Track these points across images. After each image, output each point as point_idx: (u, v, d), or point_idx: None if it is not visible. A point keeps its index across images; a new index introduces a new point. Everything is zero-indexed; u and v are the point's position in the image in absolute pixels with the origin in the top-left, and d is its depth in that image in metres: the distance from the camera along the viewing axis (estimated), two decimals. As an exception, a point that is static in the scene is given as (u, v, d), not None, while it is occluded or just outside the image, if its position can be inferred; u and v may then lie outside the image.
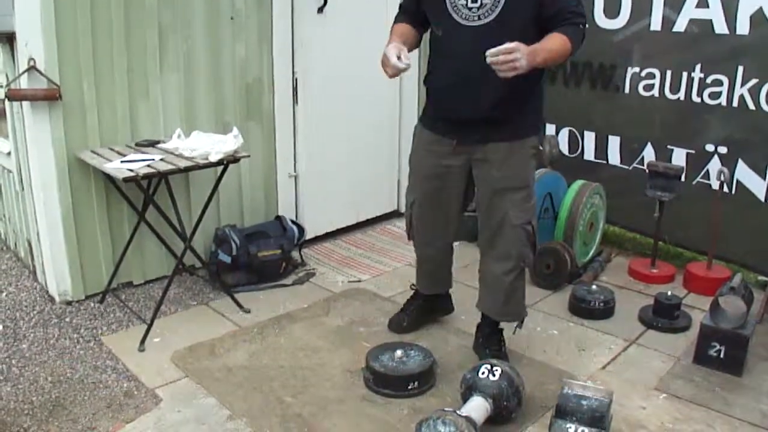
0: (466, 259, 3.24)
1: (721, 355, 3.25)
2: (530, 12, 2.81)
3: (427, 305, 3.66)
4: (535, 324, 3.76)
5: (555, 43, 2.76)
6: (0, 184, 4.76)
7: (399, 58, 2.83)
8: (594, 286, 3.93)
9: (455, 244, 3.39)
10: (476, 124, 2.98)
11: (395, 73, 2.88)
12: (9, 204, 4.64)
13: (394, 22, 3.19)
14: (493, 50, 2.57)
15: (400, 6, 3.25)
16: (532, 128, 3.12)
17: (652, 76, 4.47)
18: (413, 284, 3.70)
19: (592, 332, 3.68)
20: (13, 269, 4.51)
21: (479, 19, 2.83)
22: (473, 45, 2.78)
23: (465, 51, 2.87)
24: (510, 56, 2.56)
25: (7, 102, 3.93)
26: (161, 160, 3.52)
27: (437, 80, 3.06)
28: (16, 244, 4.70)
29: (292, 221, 4.53)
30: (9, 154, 4.27)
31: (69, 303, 3.94)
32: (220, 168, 3.69)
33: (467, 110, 2.97)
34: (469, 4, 2.83)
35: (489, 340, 3.33)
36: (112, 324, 3.74)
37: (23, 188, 4.09)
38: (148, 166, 3.39)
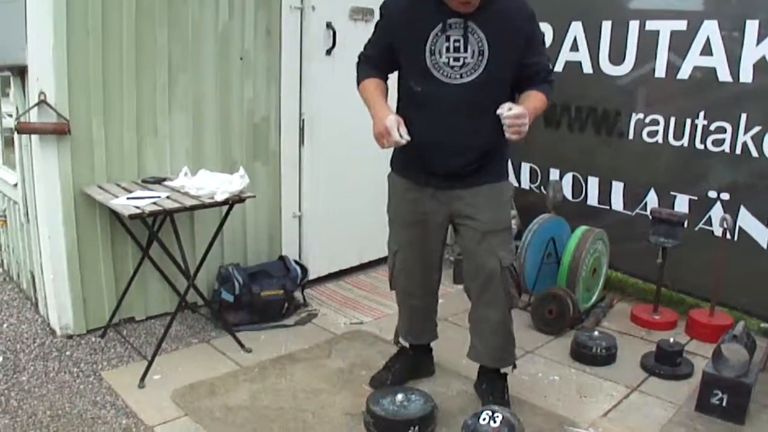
0: (467, 303, 3.22)
1: (724, 403, 3.22)
2: (510, 71, 2.87)
3: (412, 363, 3.55)
4: (537, 370, 3.74)
5: (539, 104, 2.90)
6: (5, 215, 4.77)
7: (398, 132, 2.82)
8: (596, 332, 3.92)
9: (458, 287, 3.36)
10: (456, 172, 2.98)
11: (392, 146, 2.86)
12: (14, 235, 4.65)
13: (364, 75, 3.08)
14: (508, 114, 2.67)
15: (366, 56, 3.13)
16: (506, 173, 3.19)
17: (656, 122, 4.50)
18: (397, 340, 3.63)
19: (593, 379, 3.65)
20: (15, 300, 4.51)
21: (461, 77, 2.83)
22: (455, 102, 2.84)
23: (447, 107, 2.87)
24: (518, 121, 2.67)
25: (16, 134, 3.97)
26: (167, 197, 3.54)
27: (418, 134, 2.86)
28: (19, 275, 4.71)
29: (296, 261, 4.54)
30: (16, 185, 4.30)
31: (70, 336, 3.93)
32: (226, 207, 3.70)
33: (453, 163, 2.95)
34: (451, 63, 2.82)
35: (493, 387, 3.29)
36: (113, 359, 3.73)
37: (28, 220, 4.10)
38: (154, 203, 3.42)
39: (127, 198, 3.49)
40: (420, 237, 3.15)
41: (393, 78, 3.08)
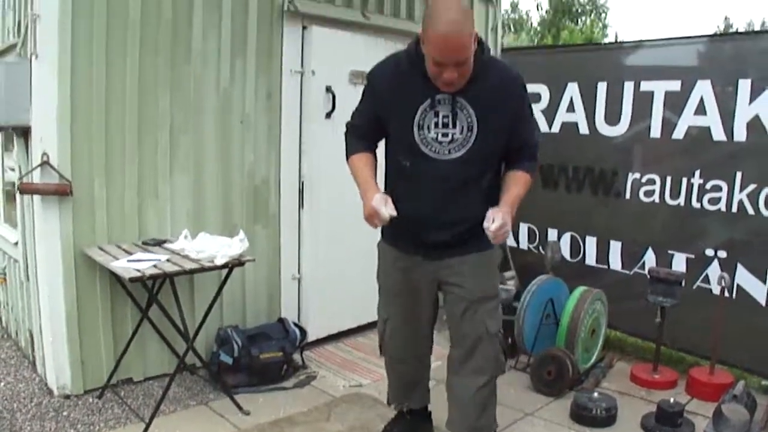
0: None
1: (724, 467, 3.21)
2: (498, 146, 2.89)
3: (410, 428, 3.50)
4: (536, 432, 3.73)
5: (522, 190, 2.93)
6: (5, 273, 4.78)
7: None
8: (596, 393, 3.90)
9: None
10: (445, 242, 2.98)
11: (382, 224, 2.83)
12: (13, 293, 4.66)
13: (352, 149, 3.06)
14: (493, 229, 2.69)
15: (354, 126, 3.11)
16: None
17: (652, 182, 4.55)
18: (391, 403, 3.58)
19: (594, 441, 3.64)
20: (13, 359, 4.49)
21: (449, 153, 2.83)
22: (444, 177, 2.85)
23: (435, 182, 2.88)
24: (501, 231, 2.71)
25: (18, 194, 4.00)
26: (167, 260, 3.56)
27: (406, 208, 2.84)
28: (17, 334, 4.70)
29: (295, 323, 4.53)
30: (16, 243, 4.32)
31: (67, 397, 3.91)
32: (225, 270, 3.72)
33: (442, 235, 2.94)
34: (440, 138, 2.81)
35: None
36: (110, 420, 3.70)
37: (28, 279, 4.11)
38: (155, 266, 3.44)
39: (128, 260, 3.51)
40: (410, 306, 3.15)
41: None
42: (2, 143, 4.87)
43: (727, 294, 4.11)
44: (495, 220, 2.70)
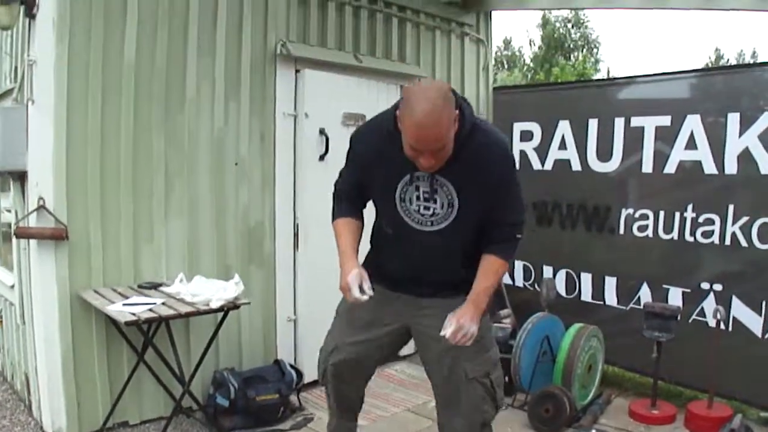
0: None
1: (724, 503, 3.20)
2: (477, 221, 2.78)
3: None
4: (534, 472, 3.71)
5: (492, 280, 2.79)
6: (1, 316, 4.78)
7: (361, 288, 2.70)
8: (594, 430, 3.89)
9: None
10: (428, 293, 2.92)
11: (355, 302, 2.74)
12: (9, 336, 4.65)
13: (338, 214, 2.98)
14: (449, 337, 2.61)
15: (340, 190, 3.02)
16: None
17: (645, 217, 4.59)
18: None
19: (592, 480, 3.62)
20: (9, 402, 4.47)
21: (432, 225, 2.75)
22: (427, 245, 2.79)
23: (419, 250, 2.82)
24: (460, 334, 2.63)
25: (14, 238, 4.01)
26: (163, 303, 3.57)
27: (389, 269, 2.90)
28: (13, 377, 4.69)
29: (291, 365, 4.52)
30: (12, 287, 4.32)
31: (63, 441, 3.90)
32: (221, 313, 3.73)
33: (424, 292, 2.89)
34: (422, 211, 2.74)
35: None
36: (106, 467, 3.70)
37: (24, 322, 4.11)
38: (150, 310, 3.44)
39: (123, 304, 3.52)
40: (368, 341, 2.97)
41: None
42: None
43: (723, 327, 4.12)
44: (450, 325, 2.63)
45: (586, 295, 4.97)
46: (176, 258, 4.18)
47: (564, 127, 5.03)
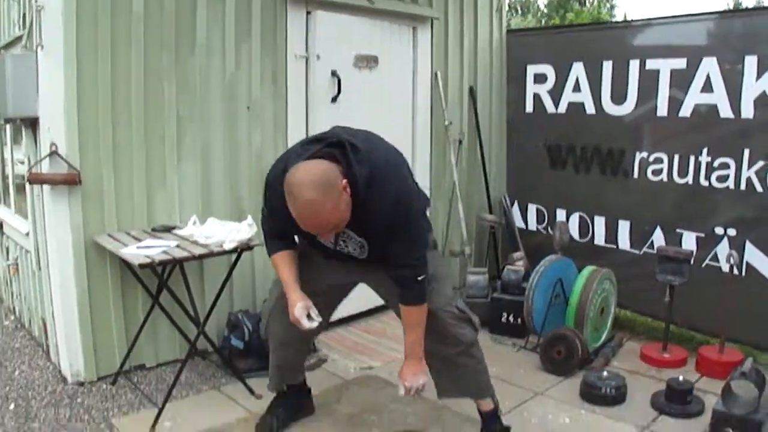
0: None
1: (735, 441, 3.20)
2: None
3: (293, 404, 3.56)
4: (546, 411, 3.73)
5: (415, 329, 2.95)
6: (17, 263, 4.82)
7: (309, 316, 2.87)
8: (605, 372, 3.90)
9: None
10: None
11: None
12: (26, 283, 4.70)
13: (273, 250, 3.01)
14: (403, 395, 3.00)
15: (268, 231, 3.03)
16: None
17: (660, 160, 4.55)
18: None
19: (604, 419, 3.63)
20: (27, 348, 4.53)
21: (355, 256, 2.91)
22: (353, 258, 2.93)
23: (345, 259, 2.95)
24: (417, 390, 2.97)
25: (27, 184, 4.02)
26: (177, 246, 3.58)
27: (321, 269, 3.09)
28: (30, 323, 4.74)
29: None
30: (27, 234, 4.35)
31: (81, 384, 3.95)
32: (234, 255, 3.74)
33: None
34: (339, 249, 2.90)
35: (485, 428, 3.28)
36: (124, 406, 3.74)
37: (40, 268, 4.15)
38: (164, 252, 3.46)
39: (137, 247, 3.53)
40: (316, 287, 3.03)
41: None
42: (11, 136, 4.90)
43: (736, 272, 4.11)
44: (401, 388, 2.98)
45: (600, 239, 4.96)
46: (189, 202, 4.18)
47: (578, 70, 4.97)
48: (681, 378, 3.74)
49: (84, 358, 3.94)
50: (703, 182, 4.34)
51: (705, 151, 4.32)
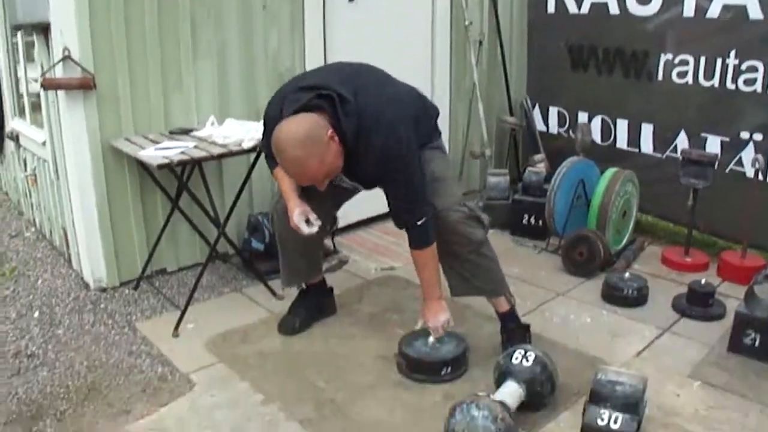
0: (497, 247, 3.19)
1: (756, 344, 3.19)
2: None
3: (314, 304, 3.61)
4: (568, 311, 3.74)
5: (425, 269, 3.03)
6: (35, 174, 4.81)
7: (308, 221, 2.96)
8: (627, 274, 3.89)
9: (488, 232, 3.28)
10: None
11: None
12: (44, 193, 4.70)
13: (274, 165, 3.03)
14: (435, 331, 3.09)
15: (269, 151, 2.95)
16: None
17: (685, 63, 4.42)
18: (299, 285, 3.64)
19: (625, 320, 3.64)
20: (49, 257, 4.57)
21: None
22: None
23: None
24: (442, 327, 3.07)
25: (42, 91, 3.98)
26: (195, 147, 3.54)
27: None
28: (51, 233, 4.77)
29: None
30: (44, 143, 4.32)
31: (103, 290, 3.99)
32: (253, 155, 3.71)
33: None
34: (334, 183, 2.93)
35: (509, 334, 3.28)
36: (146, 310, 3.78)
37: (58, 177, 4.14)
38: (183, 153, 3.42)
39: (155, 149, 3.50)
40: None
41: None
42: (24, 53, 4.83)
43: (760, 177, 4.03)
44: (428, 322, 3.08)
45: (622, 142, 4.87)
46: (206, 104, 4.13)
47: (601, -33, 4.81)
48: (703, 281, 3.71)
49: (105, 265, 3.97)
50: (730, 85, 4.21)
51: (732, 53, 4.18)
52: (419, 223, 2.89)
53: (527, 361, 2.76)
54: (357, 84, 2.77)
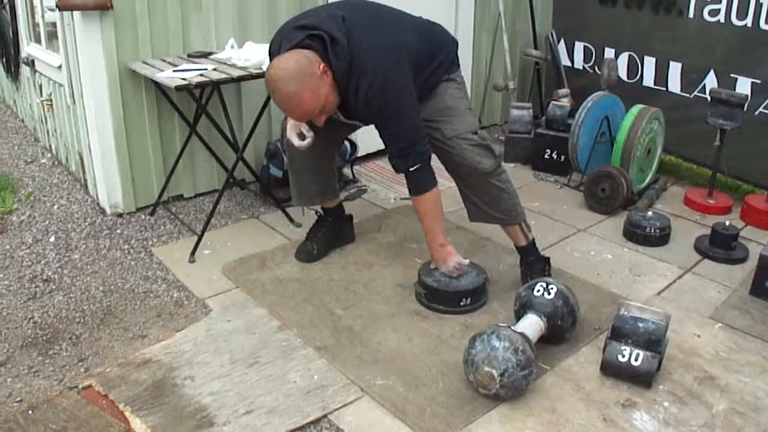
0: (517, 181, 3.13)
1: (779, 288, 3.14)
2: None
3: (333, 231, 3.59)
4: (589, 248, 3.70)
5: (424, 220, 3.01)
6: (51, 99, 4.76)
7: (301, 135, 2.97)
8: (650, 213, 3.83)
9: (510, 165, 3.23)
10: None
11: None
12: (60, 118, 4.65)
13: None
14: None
15: None
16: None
17: (718, 0, 4.27)
18: (317, 210, 3.64)
19: (646, 258, 3.60)
20: (65, 183, 4.54)
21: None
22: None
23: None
24: (455, 270, 3.03)
25: (58, 13, 3.89)
26: (214, 69, 3.47)
27: None
28: (67, 159, 4.73)
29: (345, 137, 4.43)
30: (60, 67, 4.25)
31: (120, 215, 3.97)
32: (273, 79, 3.62)
33: None
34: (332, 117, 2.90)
35: (528, 266, 3.27)
36: (163, 236, 3.77)
37: (74, 101, 4.08)
38: (201, 75, 3.35)
39: (173, 71, 3.43)
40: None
41: None
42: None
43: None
44: (441, 269, 3.05)
45: (649, 80, 4.75)
46: (226, 26, 4.04)
47: None
48: (727, 223, 3.65)
49: (122, 190, 3.95)
50: (764, 26, 4.07)
51: (766, -7, 4.04)
52: (412, 169, 2.86)
53: (549, 294, 2.72)
54: (355, 25, 2.73)
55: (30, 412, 2.38)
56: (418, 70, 2.83)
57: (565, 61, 5.33)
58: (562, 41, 5.37)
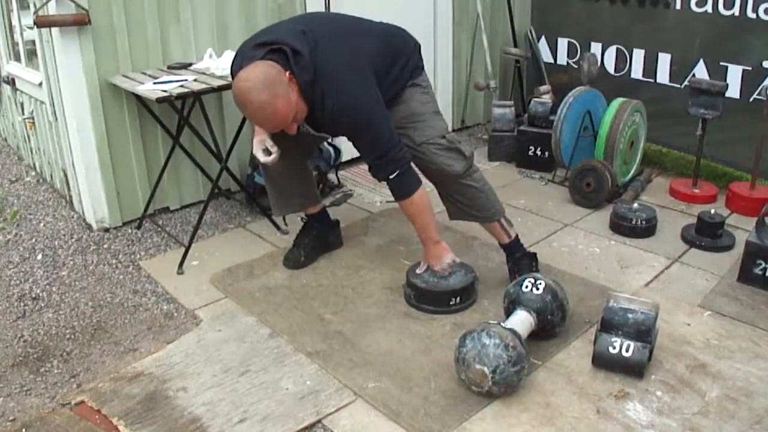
0: (502, 179, 3.14)
1: (767, 273, 3.16)
2: None
3: (319, 237, 3.59)
4: (576, 242, 3.71)
5: (415, 221, 3.03)
6: (33, 117, 4.74)
7: (267, 150, 2.96)
8: (635, 204, 3.84)
9: (494, 164, 3.24)
10: None
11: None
12: (43, 136, 4.63)
13: None
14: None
15: None
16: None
17: (704, -9, 4.29)
18: (302, 217, 3.62)
19: (633, 250, 3.61)
20: (50, 200, 4.52)
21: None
22: None
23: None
24: (447, 267, 3.06)
25: (36, 30, 3.88)
26: (194, 80, 3.47)
27: None
28: (51, 176, 4.72)
29: (328, 143, 4.41)
30: (40, 84, 4.24)
31: (106, 230, 3.95)
32: (254, 88, 3.62)
33: None
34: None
35: (515, 263, 3.27)
36: (150, 249, 3.75)
37: (56, 118, 4.07)
38: (182, 86, 3.35)
39: (154, 83, 3.43)
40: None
41: None
42: (18, 1, 4.71)
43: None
44: (436, 267, 3.06)
45: (637, 73, 4.74)
46: (204, 37, 4.03)
47: None
48: (713, 211, 3.67)
49: (107, 204, 3.93)
50: (750, 14, 4.09)
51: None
52: (391, 177, 2.87)
53: (537, 289, 2.73)
54: (316, 37, 2.73)
55: (23, 430, 2.37)
56: (381, 78, 2.83)
57: (547, 57, 5.34)
58: (543, 38, 5.39)
